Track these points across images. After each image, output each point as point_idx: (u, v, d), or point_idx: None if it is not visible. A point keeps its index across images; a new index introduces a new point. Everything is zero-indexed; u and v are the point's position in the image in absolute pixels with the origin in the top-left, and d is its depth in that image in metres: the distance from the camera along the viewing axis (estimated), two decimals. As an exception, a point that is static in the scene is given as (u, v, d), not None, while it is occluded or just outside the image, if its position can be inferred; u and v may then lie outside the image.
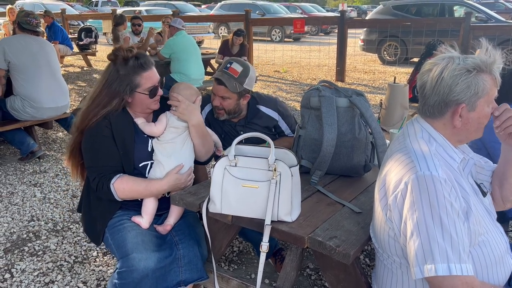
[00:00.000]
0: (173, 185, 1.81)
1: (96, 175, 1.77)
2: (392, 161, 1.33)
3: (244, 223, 1.60)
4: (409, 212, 1.20)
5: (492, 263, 1.31)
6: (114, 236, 1.78)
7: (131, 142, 1.82)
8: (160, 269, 1.69)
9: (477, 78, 1.25)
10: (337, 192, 1.82)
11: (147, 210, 1.84)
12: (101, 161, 1.78)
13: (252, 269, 2.47)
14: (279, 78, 8.82)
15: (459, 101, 1.26)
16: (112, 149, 1.79)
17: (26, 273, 2.41)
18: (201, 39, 15.38)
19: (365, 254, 2.62)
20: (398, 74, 8.70)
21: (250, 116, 2.37)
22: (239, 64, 2.24)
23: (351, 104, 1.91)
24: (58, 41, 8.27)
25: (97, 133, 1.79)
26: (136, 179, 1.79)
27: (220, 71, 2.24)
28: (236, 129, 2.37)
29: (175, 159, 1.84)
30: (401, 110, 2.81)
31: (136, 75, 1.78)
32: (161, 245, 1.75)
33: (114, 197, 1.76)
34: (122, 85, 1.76)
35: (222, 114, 2.30)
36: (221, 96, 2.24)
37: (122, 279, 1.66)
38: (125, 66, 1.77)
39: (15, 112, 3.92)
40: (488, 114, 1.30)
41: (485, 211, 1.37)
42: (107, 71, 1.81)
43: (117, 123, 1.81)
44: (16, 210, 3.17)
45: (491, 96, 1.28)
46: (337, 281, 1.55)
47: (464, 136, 1.34)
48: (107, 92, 1.78)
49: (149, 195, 1.82)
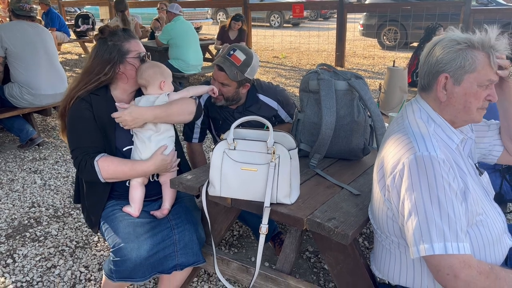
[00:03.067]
0: (159, 165, 1.80)
1: (79, 153, 1.76)
2: (390, 142, 1.34)
3: (244, 205, 1.61)
4: (407, 192, 1.21)
5: (490, 243, 1.32)
6: (107, 226, 1.79)
7: (112, 125, 1.81)
8: (154, 255, 1.69)
9: (465, 52, 1.25)
10: (336, 175, 1.83)
11: (133, 198, 1.83)
12: (84, 143, 1.78)
13: (252, 252, 2.49)
14: (278, 64, 8.77)
15: (444, 71, 1.27)
16: (93, 130, 1.79)
17: (28, 258, 2.44)
18: (199, 25, 15.23)
19: (364, 237, 2.64)
20: (397, 59, 8.65)
21: (248, 103, 2.35)
22: (242, 52, 2.20)
23: (350, 87, 1.90)
24: (55, 28, 8.20)
25: (79, 116, 1.79)
26: (121, 159, 1.79)
27: (223, 57, 2.21)
28: (234, 116, 2.35)
29: (154, 142, 1.81)
30: (400, 93, 2.80)
31: (125, 42, 1.82)
32: (155, 231, 1.74)
33: (97, 176, 1.73)
34: (112, 52, 1.79)
35: (220, 100, 2.28)
36: (220, 82, 2.22)
37: (116, 266, 1.67)
38: (113, 36, 1.82)
39: (13, 99, 3.91)
40: (478, 95, 1.27)
41: (483, 191, 1.38)
42: (96, 46, 1.85)
43: (97, 106, 1.80)
44: (17, 196, 3.19)
45: (482, 76, 1.25)
46: (336, 262, 1.57)
47: (452, 114, 1.31)
48: (98, 61, 1.80)
49: (135, 176, 1.81)
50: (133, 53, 1.82)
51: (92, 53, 1.84)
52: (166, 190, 1.87)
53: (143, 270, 1.68)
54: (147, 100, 1.81)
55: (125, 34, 1.84)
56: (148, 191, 1.89)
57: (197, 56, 5.97)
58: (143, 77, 1.80)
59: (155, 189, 1.91)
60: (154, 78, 1.80)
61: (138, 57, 1.83)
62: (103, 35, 1.82)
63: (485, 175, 1.44)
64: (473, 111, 1.29)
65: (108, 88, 1.86)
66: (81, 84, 1.82)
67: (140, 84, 1.83)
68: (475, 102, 1.27)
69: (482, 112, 1.30)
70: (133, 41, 1.85)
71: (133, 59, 1.82)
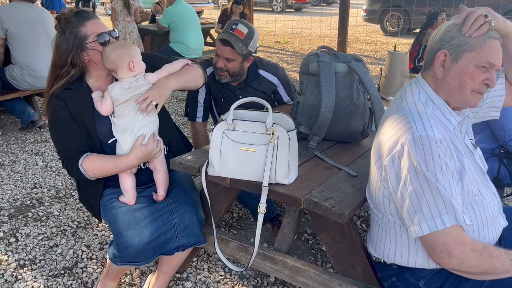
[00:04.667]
0: (141, 157, 1.73)
1: (65, 158, 1.74)
2: (389, 122, 1.35)
3: (243, 185, 1.63)
4: (405, 172, 1.23)
5: (484, 223, 1.34)
6: (107, 214, 1.79)
7: (91, 119, 1.75)
8: (156, 239, 1.70)
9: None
10: (334, 157, 1.85)
11: (125, 188, 1.80)
12: (66, 144, 1.74)
13: (251, 233, 2.53)
14: (280, 49, 8.72)
15: (444, 48, 1.30)
16: (73, 130, 1.74)
17: (31, 237, 2.48)
18: (201, 9, 15.11)
19: (362, 220, 2.67)
20: (400, 45, 8.59)
21: (250, 79, 2.36)
22: (244, 26, 2.21)
23: (350, 69, 1.91)
24: (55, 10, 8.14)
25: (55, 117, 1.74)
26: (103, 157, 1.73)
27: (226, 32, 2.20)
28: (235, 93, 2.36)
29: (130, 133, 1.72)
30: (401, 78, 2.80)
31: (80, 27, 1.68)
32: (155, 216, 1.75)
33: (85, 177, 1.73)
34: (69, 41, 1.68)
35: (225, 76, 2.28)
36: (226, 57, 2.21)
37: (120, 252, 1.69)
38: (67, 24, 1.69)
39: (14, 81, 3.92)
40: (474, 75, 1.27)
41: (479, 171, 1.40)
42: (56, 37, 1.74)
43: (72, 102, 1.74)
44: (19, 177, 3.22)
45: (481, 56, 1.25)
46: (333, 241, 1.59)
47: (447, 92, 1.33)
48: (60, 54, 1.71)
49: (120, 171, 1.77)
50: (91, 37, 1.69)
51: (54, 46, 1.74)
52: (157, 176, 1.84)
53: (146, 254, 1.70)
54: (121, 87, 1.69)
55: (79, 18, 1.70)
56: (141, 179, 1.86)
57: (198, 40, 5.94)
58: (109, 61, 1.67)
59: (147, 176, 1.88)
60: (120, 60, 1.66)
61: (97, 40, 1.69)
62: (60, 25, 1.71)
63: (478, 150, 1.45)
64: (467, 92, 1.29)
65: (83, 79, 1.77)
66: (52, 80, 1.75)
67: (108, 69, 1.70)
68: (470, 82, 1.28)
69: (477, 96, 1.31)
70: (88, 23, 1.69)
71: (93, 44, 1.69)
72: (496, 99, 1.50)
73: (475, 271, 1.22)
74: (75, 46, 1.68)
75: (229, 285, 2.10)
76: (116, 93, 1.69)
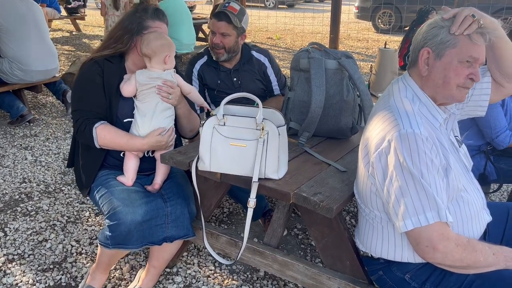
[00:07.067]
0: (153, 145, 1.83)
1: (80, 116, 1.82)
2: (376, 119, 1.37)
3: (233, 180, 1.64)
4: (391, 169, 1.25)
5: (468, 218, 1.37)
6: (102, 192, 1.82)
7: (118, 95, 1.85)
8: (147, 221, 1.73)
9: (448, 29, 1.28)
10: (324, 153, 1.86)
11: (127, 168, 1.86)
12: (87, 106, 1.82)
13: (242, 228, 2.54)
14: (272, 45, 8.72)
15: (426, 45, 1.32)
16: (99, 96, 1.83)
17: (20, 231, 2.46)
18: (193, 4, 15.01)
19: (351, 215, 2.70)
20: (391, 42, 8.64)
21: (244, 60, 2.49)
22: (236, 4, 2.41)
23: (340, 66, 1.92)
24: (45, 4, 8.04)
25: (87, 78, 1.85)
26: (119, 131, 1.82)
27: (219, 10, 2.36)
28: (231, 75, 2.47)
29: (149, 118, 1.81)
30: (390, 75, 2.83)
31: (148, 20, 1.85)
32: (149, 199, 1.79)
33: (93, 141, 1.79)
34: (133, 23, 1.85)
35: (222, 53, 2.40)
36: (221, 33, 2.35)
37: (111, 231, 1.71)
38: (143, 10, 1.88)
39: (3, 75, 3.87)
40: (458, 71, 1.28)
41: (463, 168, 1.42)
42: (125, 14, 1.93)
43: (108, 73, 1.85)
44: (8, 172, 3.19)
45: (464, 52, 1.27)
46: (322, 236, 1.61)
47: (433, 89, 1.34)
48: (120, 28, 1.88)
49: (129, 150, 1.85)
50: (151, 29, 1.84)
51: (120, 19, 1.92)
52: (159, 165, 1.90)
53: (136, 237, 1.72)
54: (149, 75, 1.77)
55: (155, 13, 1.88)
56: (142, 166, 1.92)
57: (190, 35, 5.91)
58: (149, 47, 1.74)
59: (149, 164, 1.94)
60: (160, 50, 1.75)
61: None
62: (136, 8, 1.89)
63: (463, 147, 1.48)
64: (453, 87, 1.31)
65: (123, 58, 1.91)
66: (101, 47, 1.92)
67: (144, 53, 1.77)
68: (454, 77, 1.30)
69: (463, 91, 1.32)
70: (158, 22, 1.87)
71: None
72: (482, 97, 1.53)
73: (459, 265, 1.25)
74: (135, 29, 1.84)
75: (219, 279, 2.11)
76: (142, 79, 1.78)
